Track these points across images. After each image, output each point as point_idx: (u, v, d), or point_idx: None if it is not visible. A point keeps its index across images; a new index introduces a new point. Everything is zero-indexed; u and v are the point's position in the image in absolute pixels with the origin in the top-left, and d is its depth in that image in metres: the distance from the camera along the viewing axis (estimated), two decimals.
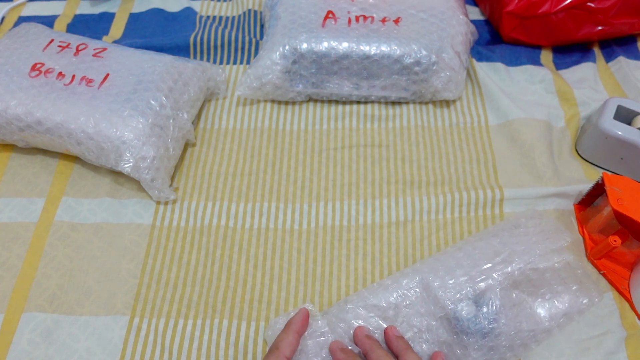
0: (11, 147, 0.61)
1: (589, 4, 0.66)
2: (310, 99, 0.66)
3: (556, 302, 0.45)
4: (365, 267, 0.53)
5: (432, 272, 0.45)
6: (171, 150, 0.56)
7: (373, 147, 0.62)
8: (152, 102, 0.55)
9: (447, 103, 0.66)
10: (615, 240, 0.50)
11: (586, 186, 0.56)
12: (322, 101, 0.66)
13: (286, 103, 0.66)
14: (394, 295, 0.44)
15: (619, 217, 0.49)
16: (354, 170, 0.60)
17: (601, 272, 0.52)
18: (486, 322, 0.42)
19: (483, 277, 0.44)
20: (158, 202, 0.57)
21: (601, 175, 0.52)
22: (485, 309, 0.43)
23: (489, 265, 0.44)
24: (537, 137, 0.61)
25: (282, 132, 0.63)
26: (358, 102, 0.65)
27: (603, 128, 0.57)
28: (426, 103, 0.66)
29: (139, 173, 0.53)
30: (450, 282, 0.44)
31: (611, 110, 0.58)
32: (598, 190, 0.54)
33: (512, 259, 0.45)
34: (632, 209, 0.49)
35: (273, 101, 0.66)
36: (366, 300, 0.45)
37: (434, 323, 0.43)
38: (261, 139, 0.62)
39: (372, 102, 0.65)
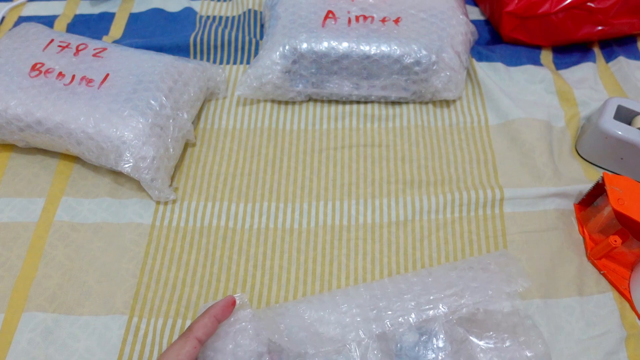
0: (11, 147, 0.61)
1: (589, 4, 0.66)
2: (310, 99, 0.66)
3: (499, 349, 0.43)
4: (365, 267, 0.53)
5: (382, 292, 0.44)
6: (171, 150, 0.56)
7: (373, 147, 0.62)
8: (152, 102, 0.55)
9: (447, 103, 0.66)
10: (615, 240, 0.50)
11: (586, 186, 0.56)
12: (322, 101, 0.66)
13: (286, 103, 0.66)
14: (340, 308, 0.43)
15: (620, 217, 0.49)
16: (354, 169, 0.60)
17: (601, 272, 0.52)
18: (424, 351, 0.41)
19: (430, 306, 0.42)
20: (158, 202, 0.57)
21: (601, 175, 0.52)
22: (425, 338, 0.42)
23: (440, 295, 0.43)
24: (537, 137, 0.61)
25: (282, 131, 0.63)
26: (358, 102, 0.65)
27: (603, 128, 0.57)
28: (426, 103, 0.66)
29: (139, 173, 0.53)
30: (397, 304, 0.43)
31: (611, 110, 0.58)
32: (598, 190, 0.54)
33: (463, 294, 0.43)
34: (633, 209, 0.49)
35: (273, 101, 0.66)
36: (308, 308, 0.44)
37: (368, 341, 0.41)
38: (261, 138, 0.62)
39: (372, 102, 0.65)
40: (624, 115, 0.59)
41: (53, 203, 0.56)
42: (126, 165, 0.52)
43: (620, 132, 0.56)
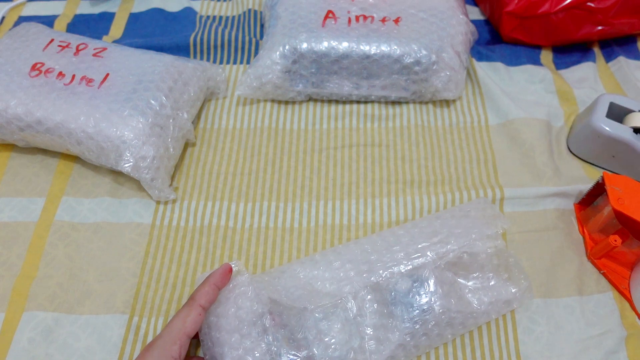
0: (11, 147, 0.61)
1: (589, 4, 0.66)
2: (310, 99, 0.66)
3: (485, 288, 0.46)
4: None
5: (371, 246, 0.47)
6: (171, 149, 0.56)
7: (373, 147, 0.62)
8: (152, 101, 0.55)
9: (447, 103, 0.66)
10: (615, 240, 0.50)
11: (586, 186, 0.56)
12: (322, 101, 0.66)
13: (286, 103, 0.66)
14: (332, 265, 0.45)
15: (619, 216, 0.49)
16: (354, 169, 0.60)
17: (601, 271, 0.52)
18: (417, 297, 0.44)
19: (418, 254, 0.45)
20: (158, 202, 0.57)
21: (601, 174, 0.52)
22: (418, 284, 0.44)
23: (426, 244, 0.45)
24: (537, 137, 0.61)
25: (282, 131, 0.63)
26: (358, 102, 0.65)
27: (594, 126, 0.56)
28: (426, 103, 0.66)
29: (139, 173, 0.53)
30: (387, 256, 0.45)
31: (603, 108, 0.57)
32: (598, 190, 0.54)
33: (448, 240, 0.46)
34: (633, 209, 0.49)
35: (273, 101, 0.66)
36: (302, 269, 0.45)
37: (363, 293, 0.43)
38: (261, 138, 0.62)
39: (372, 101, 0.65)
40: (617, 113, 0.58)
41: (53, 203, 0.56)
42: (126, 165, 0.52)
43: (611, 131, 0.56)
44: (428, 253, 0.45)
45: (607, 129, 0.56)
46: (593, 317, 0.50)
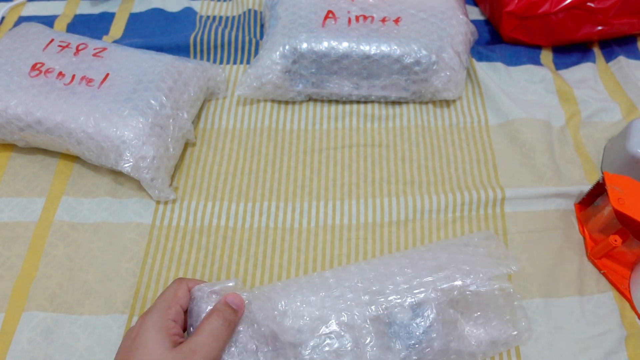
0: (11, 147, 0.61)
1: (589, 4, 0.66)
2: (310, 99, 0.66)
3: (487, 328, 0.45)
4: None
5: (374, 274, 0.45)
6: (171, 149, 0.56)
7: (373, 147, 0.62)
8: (152, 101, 0.55)
9: (447, 103, 0.66)
10: (615, 240, 0.50)
11: (587, 186, 0.56)
12: (322, 101, 0.66)
13: (286, 103, 0.66)
14: (331, 291, 0.44)
15: (620, 216, 0.49)
16: (354, 169, 0.60)
17: (601, 271, 0.52)
18: (417, 332, 0.42)
19: (422, 289, 0.43)
20: (158, 202, 0.57)
21: (602, 174, 0.52)
22: (419, 319, 0.43)
23: (431, 278, 0.44)
24: (537, 137, 0.61)
25: (282, 131, 0.63)
26: (358, 102, 0.65)
27: (632, 152, 0.55)
28: (426, 103, 0.66)
29: (139, 172, 0.53)
30: (390, 287, 0.43)
31: (637, 133, 0.56)
32: (599, 190, 0.54)
33: (454, 277, 0.44)
34: (633, 209, 0.49)
35: (273, 101, 0.66)
36: (300, 291, 0.44)
37: (361, 322, 0.42)
38: (261, 138, 0.62)
39: (372, 101, 0.65)
40: None
41: (53, 203, 0.56)
42: (126, 165, 0.52)
43: None
44: (432, 288, 0.43)
45: None
46: (593, 317, 0.50)
